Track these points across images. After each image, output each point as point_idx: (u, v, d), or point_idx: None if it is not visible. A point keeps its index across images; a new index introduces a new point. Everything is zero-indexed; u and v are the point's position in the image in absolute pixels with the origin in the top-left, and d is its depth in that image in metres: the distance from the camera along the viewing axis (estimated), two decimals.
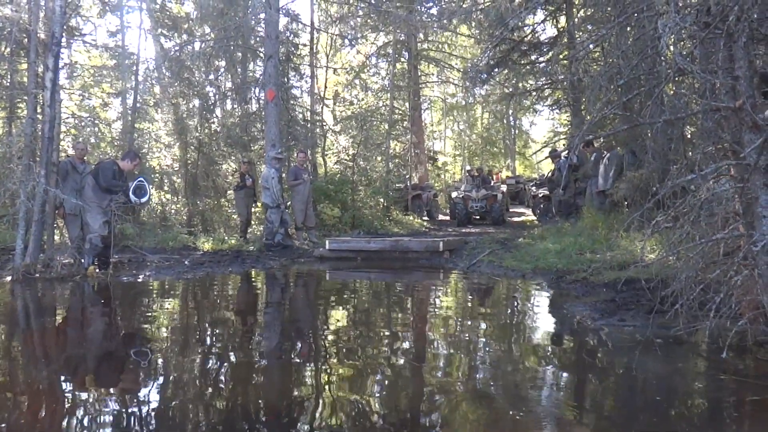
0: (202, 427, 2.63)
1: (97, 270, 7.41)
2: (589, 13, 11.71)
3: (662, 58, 3.99)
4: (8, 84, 12.24)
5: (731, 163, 3.18)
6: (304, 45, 17.16)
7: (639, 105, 5.38)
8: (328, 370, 3.49)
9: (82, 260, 7.41)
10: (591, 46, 8.65)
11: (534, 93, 15.95)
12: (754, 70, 3.04)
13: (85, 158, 8.35)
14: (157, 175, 14.50)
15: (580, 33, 12.00)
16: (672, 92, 4.57)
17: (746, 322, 3.19)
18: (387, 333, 4.49)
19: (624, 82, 4.32)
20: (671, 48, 3.26)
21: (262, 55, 13.48)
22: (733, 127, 3.22)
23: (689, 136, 5.35)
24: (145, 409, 2.81)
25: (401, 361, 3.68)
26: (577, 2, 12.86)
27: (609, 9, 8.79)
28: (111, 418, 2.70)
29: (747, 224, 3.26)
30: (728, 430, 2.54)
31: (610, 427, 2.64)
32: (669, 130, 5.05)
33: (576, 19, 12.66)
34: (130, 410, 2.80)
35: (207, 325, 4.89)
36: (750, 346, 3.50)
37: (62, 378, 3.40)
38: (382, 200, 15.64)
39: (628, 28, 5.09)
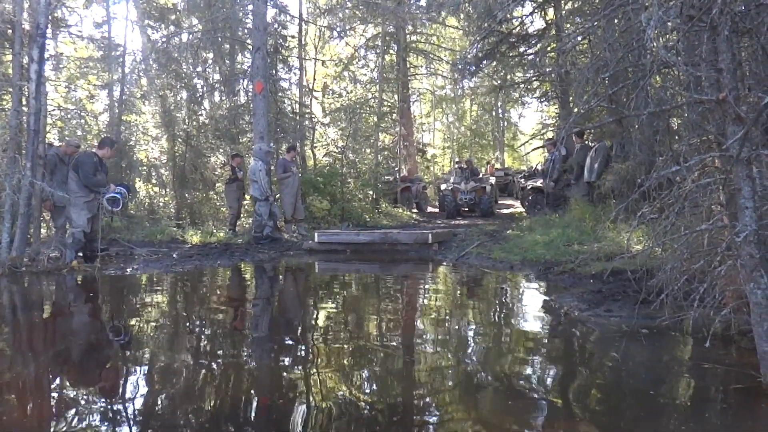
0: (190, 418, 2.64)
1: (83, 263, 7.37)
2: (576, 6, 11.75)
3: (647, 50, 4.01)
4: None
5: (715, 155, 3.21)
6: (293, 37, 17.05)
7: (625, 97, 5.41)
8: (317, 361, 3.51)
9: (65, 253, 7.36)
10: (578, 38, 8.68)
11: (522, 85, 15.96)
12: (737, 63, 3.07)
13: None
14: (145, 167, 14.40)
15: (568, 25, 12.03)
16: (658, 84, 4.60)
17: (730, 312, 3.23)
18: (375, 324, 4.51)
19: (610, 74, 4.34)
20: (655, 41, 3.27)
21: (250, 46, 13.40)
22: (717, 119, 3.25)
23: (675, 127, 5.39)
24: (131, 401, 2.82)
25: (389, 352, 3.70)
26: None
27: (596, 1, 8.83)
28: (97, 410, 2.70)
29: (730, 215, 3.30)
30: (712, 418, 2.59)
31: (596, 415, 2.68)
32: (655, 122, 5.09)
33: (564, 12, 12.68)
34: (116, 402, 2.80)
35: (195, 317, 4.89)
36: (733, 335, 3.56)
37: (49, 372, 3.39)
38: (371, 193, 15.63)
39: (615, 21, 5.12)
